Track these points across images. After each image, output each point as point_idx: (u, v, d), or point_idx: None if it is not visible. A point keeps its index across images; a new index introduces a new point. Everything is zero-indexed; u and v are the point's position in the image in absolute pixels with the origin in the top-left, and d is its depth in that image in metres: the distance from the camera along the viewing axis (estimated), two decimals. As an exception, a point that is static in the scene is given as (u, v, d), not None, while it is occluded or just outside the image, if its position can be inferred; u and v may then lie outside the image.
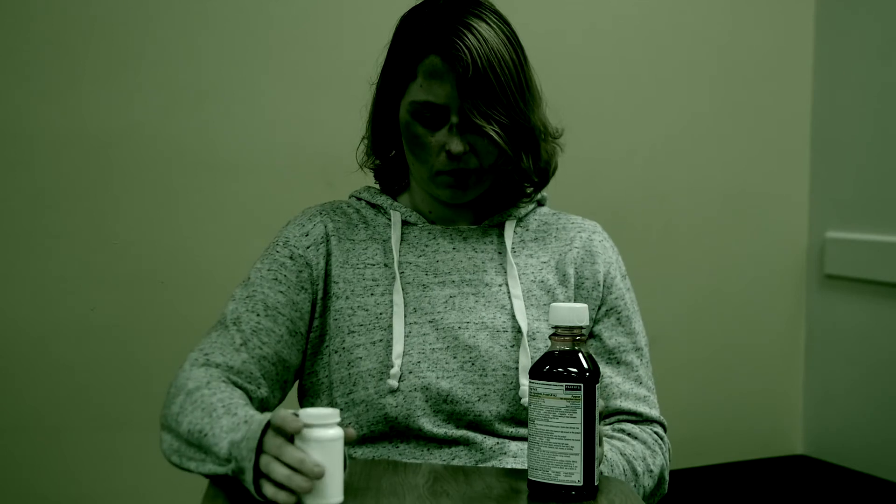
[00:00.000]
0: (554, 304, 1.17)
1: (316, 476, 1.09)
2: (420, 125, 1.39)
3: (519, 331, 1.40)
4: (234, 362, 1.37)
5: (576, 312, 1.16)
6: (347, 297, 1.41)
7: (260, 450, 1.13)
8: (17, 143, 2.11)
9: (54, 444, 2.15)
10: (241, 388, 1.36)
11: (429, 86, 1.37)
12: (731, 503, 2.69)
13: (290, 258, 1.44)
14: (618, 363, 1.46)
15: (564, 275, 1.46)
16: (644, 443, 1.44)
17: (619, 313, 1.48)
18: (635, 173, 2.67)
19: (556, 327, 1.17)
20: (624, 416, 1.46)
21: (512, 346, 1.39)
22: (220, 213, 2.25)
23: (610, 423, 1.45)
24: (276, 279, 1.43)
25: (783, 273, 2.87)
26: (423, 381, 1.36)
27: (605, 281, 1.48)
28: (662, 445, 1.47)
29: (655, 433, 1.47)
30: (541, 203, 1.54)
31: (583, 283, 1.47)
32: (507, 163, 1.41)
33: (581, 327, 1.16)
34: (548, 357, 1.16)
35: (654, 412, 1.48)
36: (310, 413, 1.11)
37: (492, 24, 1.37)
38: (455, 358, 1.37)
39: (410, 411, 1.36)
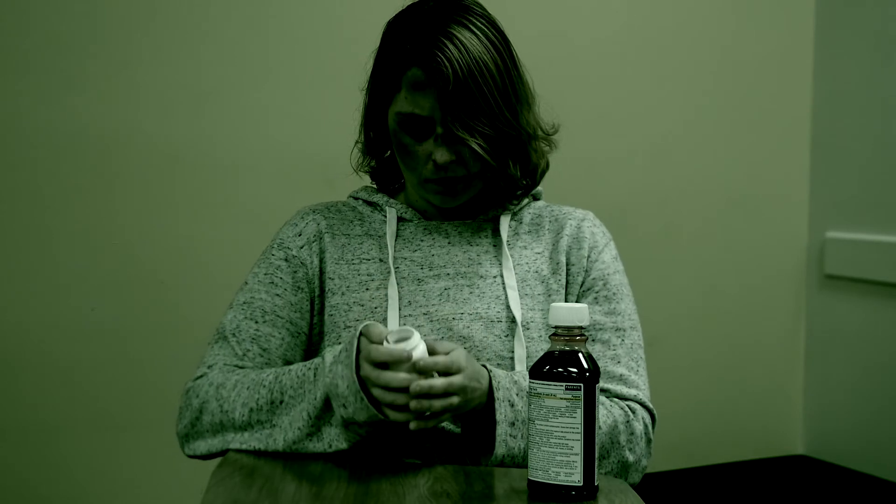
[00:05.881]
0: (554, 305, 1.17)
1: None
2: (407, 135, 1.40)
3: (513, 321, 1.40)
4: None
5: (576, 312, 1.16)
6: (343, 293, 1.43)
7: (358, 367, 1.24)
8: (17, 143, 2.11)
9: (54, 444, 2.15)
10: None
11: (413, 98, 1.37)
12: (731, 503, 2.69)
13: (285, 260, 1.46)
14: (592, 342, 1.42)
15: (557, 263, 1.46)
16: (601, 404, 1.36)
17: (598, 292, 1.45)
18: (636, 173, 2.67)
19: (557, 327, 1.17)
20: None
21: (506, 336, 1.40)
22: (220, 213, 2.25)
23: None
24: (272, 283, 1.44)
25: (783, 273, 2.87)
26: None
27: (587, 263, 1.47)
28: (629, 413, 1.37)
29: (627, 405, 1.39)
30: (536, 198, 1.55)
31: (570, 269, 1.47)
32: (494, 171, 1.41)
33: (581, 327, 1.16)
34: (548, 357, 1.16)
35: (633, 391, 1.40)
36: (394, 333, 1.26)
37: (476, 30, 1.37)
38: None
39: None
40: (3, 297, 2.11)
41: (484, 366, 1.31)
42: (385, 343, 1.24)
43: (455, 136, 1.36)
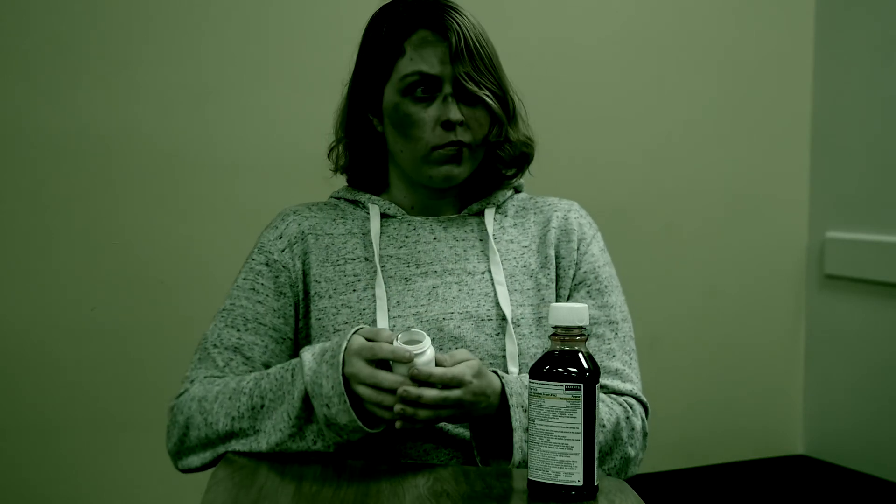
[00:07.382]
0: (553, 304, 1.17)
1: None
2: (412, 102, 1.40)
3: (504, 318, 1.39)
4: None
5: (576, 313, 1.16)
6: (330, 297, 1.41)
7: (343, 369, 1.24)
8: (17, 143, 2.11)
9: (54, 444, 2.15)
10: None
11: (420, 56, 1.39)
12: (731, 503, 2.69)
13: (266, 265, 1.44)
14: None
15: (546, 257, 1.46)
16: (602, 401, 1.37)
17: (590, 286, 1.46)
18: (636, 174, 2.67)
19: (556, 327, 1.17)
20: None
21: (497, 334, 1.39)
22: (220, 213, 2.25)
23: None
24: (253, 289, 1.43)
25: (783, 273, 2.87)
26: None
27: (577, 255, 1.47)
28: (628, 409, 1.39)
29: (625, 400, 1.40)
30: (517, 190, 1.55)
31: (560, 263, 1.47)
32: (498, 134, 1.43)
33: (581, 327, 1.16)
34: (548, 357, 1.16)
35: (628, 386, 1.42)
36: (405, 334, 1.25)
37: (466, 14, 1.44)
38: (441, 349, 1.37)
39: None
40: (3, 297, 2.11)
41: (495, 371, 1.31)
42: (394, 342, 1.24)
43: (464, 94, 1.39)
